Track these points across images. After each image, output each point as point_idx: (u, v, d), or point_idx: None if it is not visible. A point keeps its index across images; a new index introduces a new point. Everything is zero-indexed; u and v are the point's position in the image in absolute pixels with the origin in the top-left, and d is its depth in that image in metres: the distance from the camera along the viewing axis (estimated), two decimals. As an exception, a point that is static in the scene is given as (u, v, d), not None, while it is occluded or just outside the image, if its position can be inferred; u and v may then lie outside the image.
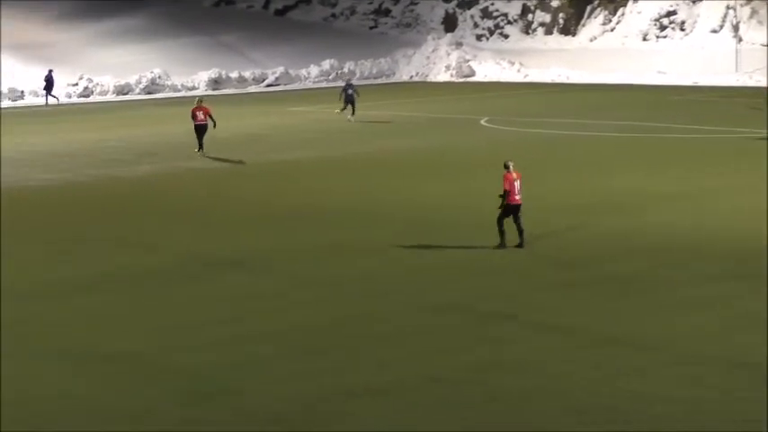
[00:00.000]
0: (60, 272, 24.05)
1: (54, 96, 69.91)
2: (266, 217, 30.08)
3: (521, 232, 24.91)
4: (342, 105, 54.32)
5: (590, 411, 15.08)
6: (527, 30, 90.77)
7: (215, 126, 42.27)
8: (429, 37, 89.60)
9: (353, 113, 54.06)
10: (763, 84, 68.70)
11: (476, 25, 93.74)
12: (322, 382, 16.56)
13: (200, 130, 42.54)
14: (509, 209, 24.77)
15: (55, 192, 35.37)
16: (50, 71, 70.29)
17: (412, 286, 22.26)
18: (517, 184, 24.78)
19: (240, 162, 40.85)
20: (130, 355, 18.03)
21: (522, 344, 18.26)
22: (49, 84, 69.73)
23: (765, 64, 71.26)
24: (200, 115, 42.54)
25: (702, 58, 75.44)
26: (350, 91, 54.52)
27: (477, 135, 48.00)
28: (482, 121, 53.00)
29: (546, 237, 26.25)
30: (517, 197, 24.75)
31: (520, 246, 24.79)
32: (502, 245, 24.78)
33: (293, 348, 18.31)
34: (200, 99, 44.70)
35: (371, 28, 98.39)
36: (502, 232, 24.81)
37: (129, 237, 27.77)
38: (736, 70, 73.33)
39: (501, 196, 24.80)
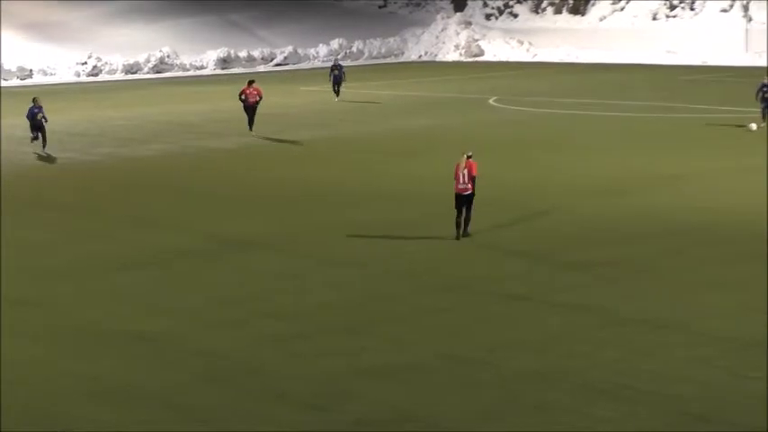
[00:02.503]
0: (80, 251, 24.12)
1: None
2: (282, 197, 30.12)
3: (466, 221, 24.31)
4: (331, 88, 54.40)
5: (608, 391, 15.16)
6: (536, 9, 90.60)
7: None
8: (438, 16, 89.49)
9: (338, 95, 53.98)
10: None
11: (485, 5, 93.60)
12: (339, 361, 16.66)
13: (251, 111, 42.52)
14: (456, 198, 24.32)
15: (68, 170, 35.42)
16: None
17: (427, 266, 22.32)
18: (464, 173, 24.09)
19: (252, 141, 40.87)
20: (155, 335, 18.14)
21: (537, 324, 18.33)
22: None
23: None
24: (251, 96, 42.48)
25: (712, 38, 75.28)
26: (336, 72, 54.39)
27: (485, 115, 47.99)
28: (491, 101, 52.98)
29: (554, 216, 26.30)
30: (461, 186, 24.10)
31: (465, 235, 24.28)
32: (456, 236, 24.34)
33: (312, 328, 18.39)
34: (252, 81, 43.98)
35: (381, 7, 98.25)
36: (456, 224, 24.35)
37: (146, 216, 27.84)
38: (746, 50, 73.18)
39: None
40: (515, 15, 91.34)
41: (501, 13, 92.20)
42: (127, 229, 26.37)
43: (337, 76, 54.19)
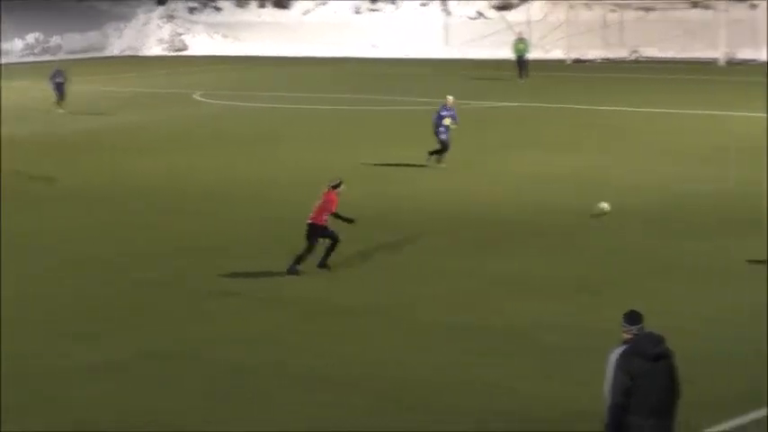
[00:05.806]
0: None
1: None
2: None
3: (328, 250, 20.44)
4: (55, 97, 48.43)
5: (326, 379, 14.98)
6: (240, 2, 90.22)
7: None
8: (140, 10, 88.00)
9: (60, 103, 48.03)
10: (470, 56, 70.43)
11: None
12: (27, 362, 15.92)
13: None
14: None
15: None
16: None
17: (139, 263, 21.58)
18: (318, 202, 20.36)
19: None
20: None
21: (250, 319, 17.94)
22: None
23: (473, 37, 73.13)
24: None
25: (413, 32, 76.76)
26: (58, 79, 48.54)
27: (190, 110, 47.43)
28: (195, 96, 52.39)
29: (276, 214, 25.91)
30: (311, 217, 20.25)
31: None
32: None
33: (8, 330, 17.38)
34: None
35: (80, 0, 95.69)
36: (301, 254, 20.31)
37: None
38: (446, 43, 74.94)
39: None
40: (219, 9, 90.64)
41: (205, 6, 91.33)
42: None
43: (60, 84, 48.20)
